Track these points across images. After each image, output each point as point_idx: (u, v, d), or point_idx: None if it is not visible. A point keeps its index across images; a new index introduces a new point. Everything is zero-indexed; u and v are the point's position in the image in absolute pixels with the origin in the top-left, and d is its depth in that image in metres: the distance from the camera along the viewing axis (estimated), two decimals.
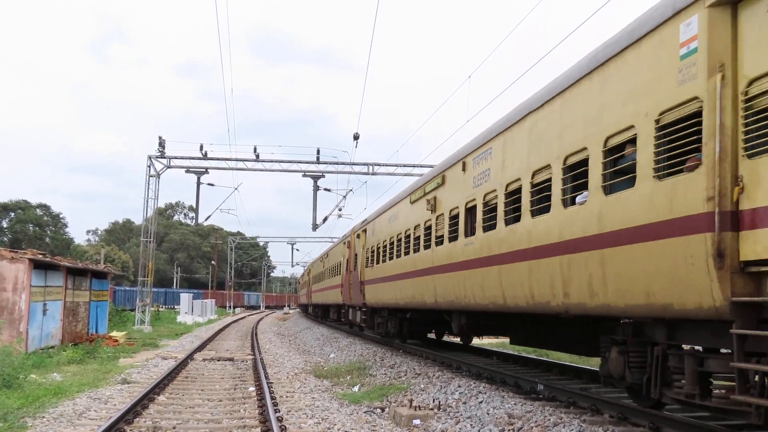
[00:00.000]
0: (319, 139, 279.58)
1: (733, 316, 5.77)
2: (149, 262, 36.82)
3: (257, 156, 36.31)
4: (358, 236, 25.58)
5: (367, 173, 37.44)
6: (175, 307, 65.24)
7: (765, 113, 5.70)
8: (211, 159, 36.44)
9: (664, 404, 7.89)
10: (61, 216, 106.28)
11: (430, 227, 14.99)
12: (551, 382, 10.87)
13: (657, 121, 6.84)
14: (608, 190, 7.63)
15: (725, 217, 5.86)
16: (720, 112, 6.02)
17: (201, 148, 36.15)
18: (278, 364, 18.70)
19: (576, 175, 8.40)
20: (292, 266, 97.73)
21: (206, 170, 37.14)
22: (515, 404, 9.83)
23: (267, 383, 13.22)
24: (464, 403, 10.52)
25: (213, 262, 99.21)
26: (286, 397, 12.39)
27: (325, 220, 41.75)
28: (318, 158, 36.96)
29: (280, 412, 10.37)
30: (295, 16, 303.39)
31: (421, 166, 35.47)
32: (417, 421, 9.58)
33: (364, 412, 10.83)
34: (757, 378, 5.71)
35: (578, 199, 8.33)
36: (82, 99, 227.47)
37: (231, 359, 19.50)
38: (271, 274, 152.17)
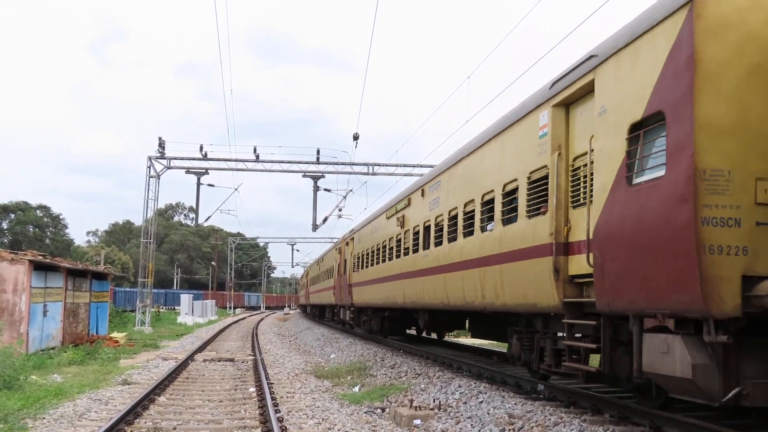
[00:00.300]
0: (319, 140, 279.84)
1: (565, 311, 8.76)
2: (149, 263, 36.82)
3: (257, 156, 36.30)
4: (347, 243, 29.07)
5: (367, 173, 37.45)
6: (176, 308, 65.23)
7: (580, 180, 8.60)
8: (211, 159, 36.45)
9: (548, 377, 10.81)
10: (61, 217, 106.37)
11: (400, 240, 18.28)
12: (551, 382, 10.86)
13: (528, 178, 9.88)
14: (505, 222, 10.69)
15: (560, 247, 8.82)
16: (557, 177, 8.93)
17: (201, 148, 36.18)
18: (279, 364, 18.71)
19: (488, 209, 11.54)
20: (293, 267, 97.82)
21: (206, 171, 37.16)
22: (516, 404, 9.84)
23: (267, 384, 13.22)
24: (465, 403, 10.52)
25: (213, 262, 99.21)
26: (287, 397, 12.40)
27: (325, 220, 41.78)
28: (318, 158, 36.96)
29: (280, 412, 10.38)
30: (294, 17, 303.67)
31: (421, 166, 35.47)
32: (417, 421, 9.58)
33: (365, 413, 10.83)
34: (582, 352, 8.69)
35: (488, 227, 11.43)
36: (82, 99, 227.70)
37: (231, 360, 19.51)
38: (272, 275, 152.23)
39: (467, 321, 16.92)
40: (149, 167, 36.22)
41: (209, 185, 40.38)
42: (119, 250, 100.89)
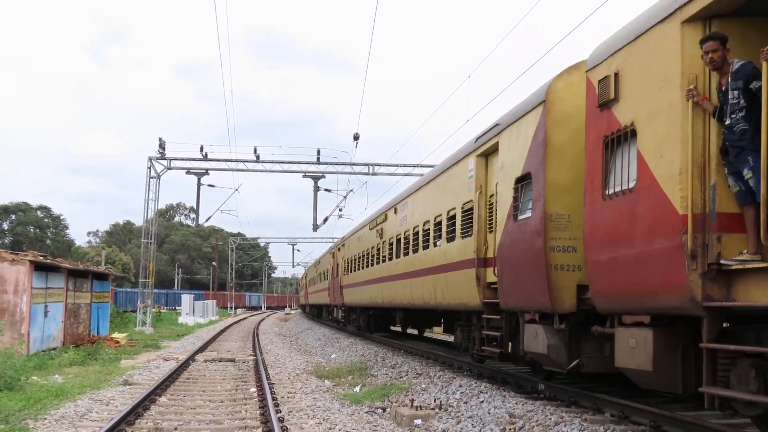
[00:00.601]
0: (319, 140, 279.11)
1: (484, 309, 11.90)
2: (150, 263, 36.84)
3: (257, 157, 36.31)
4: (339, 249, 32.94)
5: (367, 173, 37.46)
6: (177, 308, 65.26)
7: (492, 212, 11.49)
8: (212, 160, 36.46)
9: (483, 360, 13.43)
10: (61, 218, 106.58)
11: (379, 248, 21.72)
12: (552, 381, 10.87)
13: (462, 207, 13.04)
14: (448, 240, 13.86)
15: (480, 261, 11.90)
16: (478, 209, 12.11)
17: (201, 149, 36.18)
18: (279, 364, 18.72)
19: (438, 228, 14.85)
20: (293, 267, 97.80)
21: (206, 171, 37.15)
22: (516, 404, 9.84)
23: (268, 384, 13.23)
24: (465, 402, 10.53)
25: (214, 263, 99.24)
26: (288, 397, 12.41)
27: (325, 220, 41.78)
28: (318, 159, 36.96)
29: (281, 412, 10.39)
30: (294, 17, 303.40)
31: (422, 166, 35.46)
32: (418, 421, 9.58)
33: (366, 413, 10.83)
34: (499, 339, 11.41)
35: (438, 243, 14.77)
36: (82, 100, 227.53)
37: (232, 360, 19.52)
38: (272, 275, 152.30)
39: (441, 318, 20.05)
40: (149, 168, 36.23)
41: (209, 186, 40.37)
42: (120, 250, 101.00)
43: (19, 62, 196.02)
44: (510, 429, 8.59)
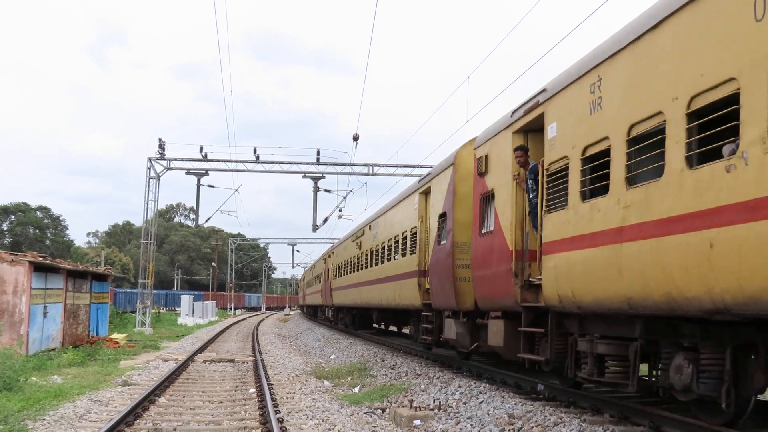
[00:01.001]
0: (318, 141, 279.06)
1: (424, 308, 15.87)
2: (149, 264, 36.83)
3: (257, 157, 36.31)
4: (329, 255, 37.78)
5: (367, 174, 37.46)
6: (176, 308, 65.20)
7: (431, 235, 14.92)
8: (211, 161, 36.45)
9: (430, 347, 17.25)
10: (61, 218, 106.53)
11: (359, 258, 26.00)
12: (551, 382, 10.87)
13: (411, 231, 17.25)
14: (402, 255, 18.32)
15: (421, 272, 15.95)
16: (420, 233, 16.10)
17: (201, 149, 36.17)
18: (279, 365, 18.72)
19: (396, 245, 19.24)
20: (293, 267, 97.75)
21: (206, 172, 37.14)
22: (515, 404, 9.84)
23: (267, 384, 13.23)
24: (465, 403, 10.53)
25: (213, 263, 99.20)
26: (287, 398, 12.40)
27: (325, 221, 41.77)
28: (318, 159, 36.96)
29: (280, 413, 10.38)
30: (293, 18, 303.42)
31: (421, 167, 35.46)
32: (417, 422, 9.58)
33: (365, 413, 10.83)
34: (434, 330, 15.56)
35: (396, 257, 19.16)
36: (82, 101, 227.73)
37: (232, 361, 19.51)
38: (272, 276, 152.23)
39: (393, 315, 25.18)
40: (149, 168, 36.23)
41: (209, 186, 40.35)
42: (119, 251, 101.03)
43: (18, 64, 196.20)
44: (509, 430, 8.59)
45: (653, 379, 8.16)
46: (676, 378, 7.11)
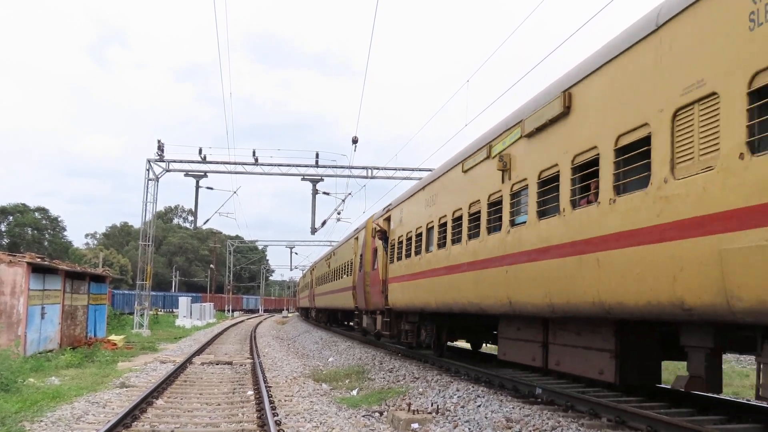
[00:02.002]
0: (317, 143, 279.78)
1: (355, 309, 27.20)
2: (148, 265, 36.80)
3: (256, 160, 36.33)
4: (314, 268, 47.24)
5: (366, 177, 37.50)
6: (174, 310, 65.15)
7: (359, 263, 24.62)
8: (210, 162, 36.47)
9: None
10: (59, 219, 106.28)
11: (328, 274, 38.06)
12: (549, 385, 10.87)
13: (351, 259, 27.71)
14: (345, 276, 29.32)
15: (353, 287, 26.47)
16: (355, 260, 26.68)
17: (200, 151, 36.20)
18: (277, 367, 18.70)
19: (344, 269, 30.45)
20: (291, 270, 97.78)
21: (205, 174, 37.15)
22: (513, 408, 9.84)
23: (265, 387, 13.22)
24: (462, 406, 10.52)
25: (212, 265, 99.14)
26: (285, 400, 12.39)
27: (324, 223, 41.79)
28: (317, 162, 37.00)
29: (278, 416, 10.37)
30: (293, 20, 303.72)
31: (420, 170, 35.51)
32: (415, 425, 9.57)
33: (363, 416, 10.82)
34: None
35: (343, 276, 30.52)
36: (81, 102, 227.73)
37: (230, 363, 19.49)
38: (270, 278, 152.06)
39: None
40: (148, 170, 36.23)
41: (208, 188, 40.42)
42: (118, 252, 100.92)
43: (18, 64, 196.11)
44: None
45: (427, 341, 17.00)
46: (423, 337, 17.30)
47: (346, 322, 37.72)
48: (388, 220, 19.38)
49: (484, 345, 18.60)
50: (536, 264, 9.08)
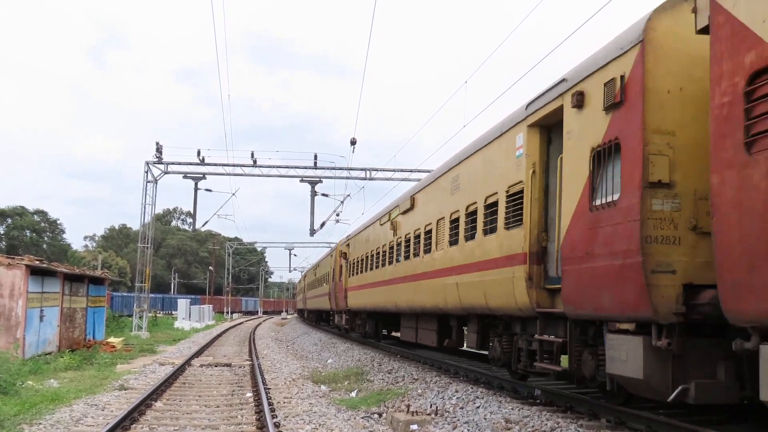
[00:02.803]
0: (316, 145, 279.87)
1: (335, 309, 33.10)
2: (146, 267, 36.79)
3: (254, 161, 36.33)
4: (305, 277, 53.28)
5: (364, 178, 37.50)
6: (173, 312, 65.11)
7: (350, 267, 28.11)
8: (209, 164, 36.45)
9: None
10: (58, 222, 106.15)
11: (315, 281, 43.74)
12: (549, 386, 10.87)
13: (332, 268, 33.48)
14: (325, 284, 37.17)
15: (332, 291, 33.70)
16: (335, 270, 32.70)
17: (198, 153, 36.17)
18: (276, 369, 18.69)
19: (324, 278, 38.27)
20: (290, 271, 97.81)
21: (204, 176, 37.15)
22: (512, 409, 9.84)
23: (264, 389, 13.21)
24: (461, 408, 10.53)
25: (210, 267, 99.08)
26: (284, 402, 12.39)
27: (322, 225, 41.86)
28: (315, 163, 36.98)
29: (277, 417, 10.37)
30: (292, 22, 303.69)
31: (419, 171, 35.51)
32: (414, 426, 9.57)
33: (362, 418, 10.82)
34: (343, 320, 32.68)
35: (323, 284, 38.42)
36: (80, 104, 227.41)
37: (228, 365, 19.48)
38: (269, 280, 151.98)
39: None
40: (147, 172, 36.21)
41: (207, 190, 40.40)
42: (116, 254, 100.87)
43: (17, 65, 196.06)
44: None
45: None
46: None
47: (329, 321, 43.32)
48: (348, 245, 28.67)
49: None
50: (407, 284, 17.02)
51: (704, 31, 6.28)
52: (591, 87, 8.08)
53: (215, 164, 36.46)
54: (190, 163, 36.37)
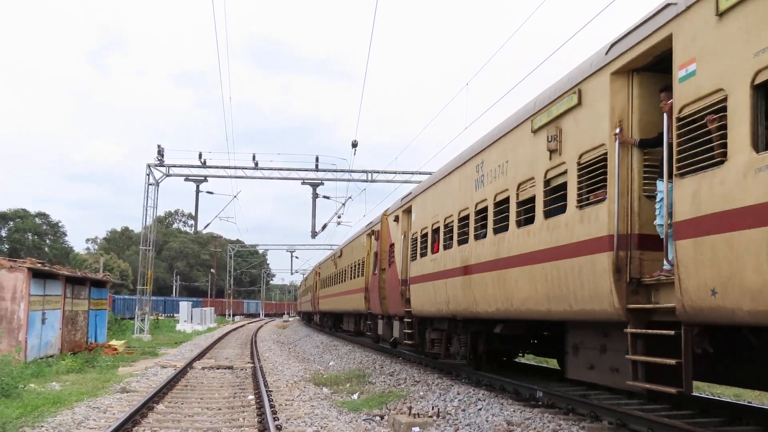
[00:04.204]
0: (317, 147, 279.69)
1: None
2: (148, 270, 36.80)
3: (256, 164, 36.36)
4: (306, 279, 45.13)
5: (366, 180, 37.51)
6: (175, 315, 65.15)
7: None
8: (210, 167, 36.51)
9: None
10: (60, 224, 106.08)
11: (312, 286, 48.02)
12: (550, 389, 10.86)
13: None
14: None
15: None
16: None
17: (200, 156, 36.24)
18: (278, 372, 18.69)
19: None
20: (291, 274, 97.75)
21: (205, 178, 37.19)
22: (514, 411, 9.83)
23: (266, 391, 13.21)
24: (463, 410, 10.52)
25: (212, 270, 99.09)
26: (286, 405, 12.39)
27: (324, 227, 41.89)
28: (317, 166, 37.01)
29: (279, 420, 10.37)
30: (293, 25, 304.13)
31: (420, 173, 35.50)
32: (416, 429, 9.57)
33: (363, 420, 10.82)
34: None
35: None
36: (81, 107, 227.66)
37: (230, 367, 19.48)
38: (271, 282, 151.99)
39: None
40: (148, 175, 36.25)
41: (208, 192, 40.61)
42: (118, 257, 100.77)
43: (19, 70, 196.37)
44: None
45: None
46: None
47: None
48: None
49: None
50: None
51: None
52: None
53: (217, 167, 36.53)
54: (192, 166, 36.43)
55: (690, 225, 6.15)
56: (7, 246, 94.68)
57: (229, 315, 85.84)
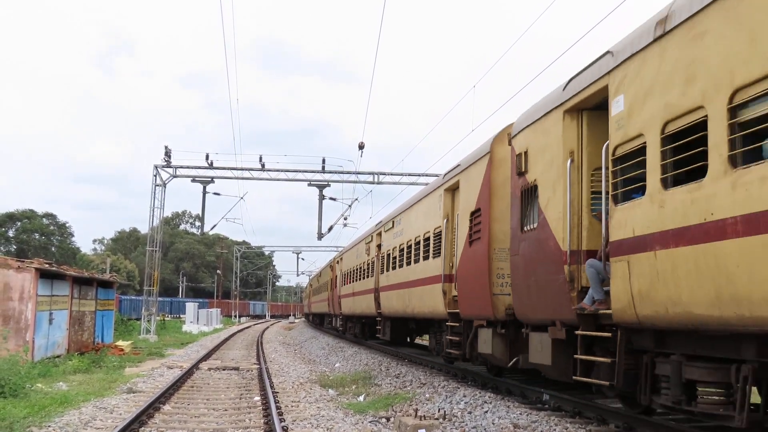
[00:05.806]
0: (324, 149, 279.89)
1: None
2: (155, 271, 36.89)
3: (263, 165, 36.42)
4: (337, 262, 37.63)
5: (372, 182, 37.53)
6: (181, 316, 65.24)
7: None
8: (217, 168, 36.58)
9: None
10: (67, 225, 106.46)
11: (315, 289, 51.54)
12: (557, 392, 10.83)
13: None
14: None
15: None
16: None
17: (207, 157, 36.30)
18: (284, 373, 18.70)
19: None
20: (298, 275, 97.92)
21: (212, 179, 37.28)
22: (521, 414, 9.81)
23: (272, 393, 13.22)
24: (470, 412, 10.50)
25: (218, 271, 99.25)
26: (292, 406, 12.39)
27: (330, 229, 41.88)
28: (323, 167, 37.05)
29: (285, 421, 10.37)
30: (300, 27, 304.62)
31: (427, 175, 35.51)
32: (422, 431, 9.55)
33: (369, 422, 10.81)
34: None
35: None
36: (89, 110, 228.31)
37: (236, 368, 19.51)
38: (277, 284, 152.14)
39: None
40: (155, 176, 36.34)
41: (215, 194, 40.51)
42: (125, 258, 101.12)
43: (26, 72, 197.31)
44: None
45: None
46: None
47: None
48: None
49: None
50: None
51: None
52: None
53: (223, 168, 36.61)
54: (199, 167, 36.53)
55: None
56: (14, 246, 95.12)
57: (235, 316, 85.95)
